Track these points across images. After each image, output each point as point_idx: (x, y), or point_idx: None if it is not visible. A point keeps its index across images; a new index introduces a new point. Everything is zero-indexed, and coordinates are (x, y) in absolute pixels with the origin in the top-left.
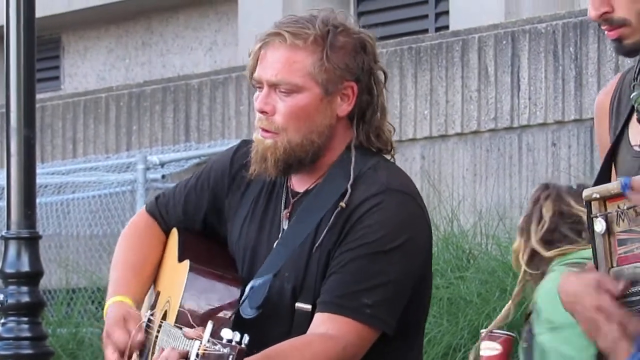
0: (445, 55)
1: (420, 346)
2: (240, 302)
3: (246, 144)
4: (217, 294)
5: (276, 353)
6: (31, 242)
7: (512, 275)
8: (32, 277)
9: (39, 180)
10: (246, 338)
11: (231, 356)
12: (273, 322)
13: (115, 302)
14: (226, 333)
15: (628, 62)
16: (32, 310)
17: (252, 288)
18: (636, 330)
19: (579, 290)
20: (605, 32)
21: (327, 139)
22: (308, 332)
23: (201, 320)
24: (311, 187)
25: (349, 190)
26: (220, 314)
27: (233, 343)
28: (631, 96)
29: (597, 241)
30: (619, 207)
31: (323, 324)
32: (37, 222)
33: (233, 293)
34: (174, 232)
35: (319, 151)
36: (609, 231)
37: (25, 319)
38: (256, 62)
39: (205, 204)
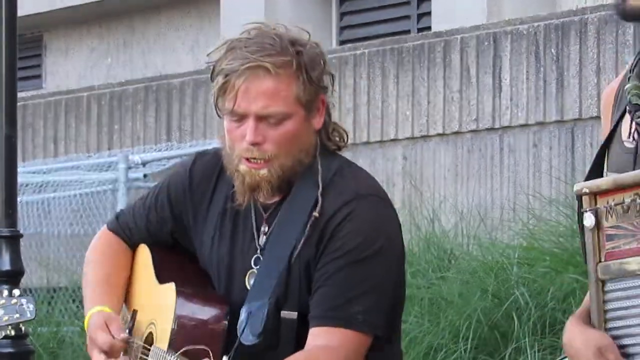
0: (427, 56)
1: (399, 339)
2: (241, 329)
3: (202, 156)
4: (206, 315)
5: None
6: (12, 240)
7: (493, 275)
8: (13, 276)
9: (20, 179)
10: None
11: None
12: (262, 336)
13: (95, 312)
14: None
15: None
16: None
17: (249, 314)
18: None
19: (580, 350)
20: None
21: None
22: (307, 345)
23: (193, 343)
24: (281, 198)
25: (320, 200)
26: (210, 335)
27: None
28: (625, 87)
29: (587, 236)
30: (607, 203)
31: (320, 337)
32: (18, 221)
33: (220, 313)
34: (144, 249)
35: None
36: (598, 226)
37: None
38: (234, 93)
39: (169, 220)
